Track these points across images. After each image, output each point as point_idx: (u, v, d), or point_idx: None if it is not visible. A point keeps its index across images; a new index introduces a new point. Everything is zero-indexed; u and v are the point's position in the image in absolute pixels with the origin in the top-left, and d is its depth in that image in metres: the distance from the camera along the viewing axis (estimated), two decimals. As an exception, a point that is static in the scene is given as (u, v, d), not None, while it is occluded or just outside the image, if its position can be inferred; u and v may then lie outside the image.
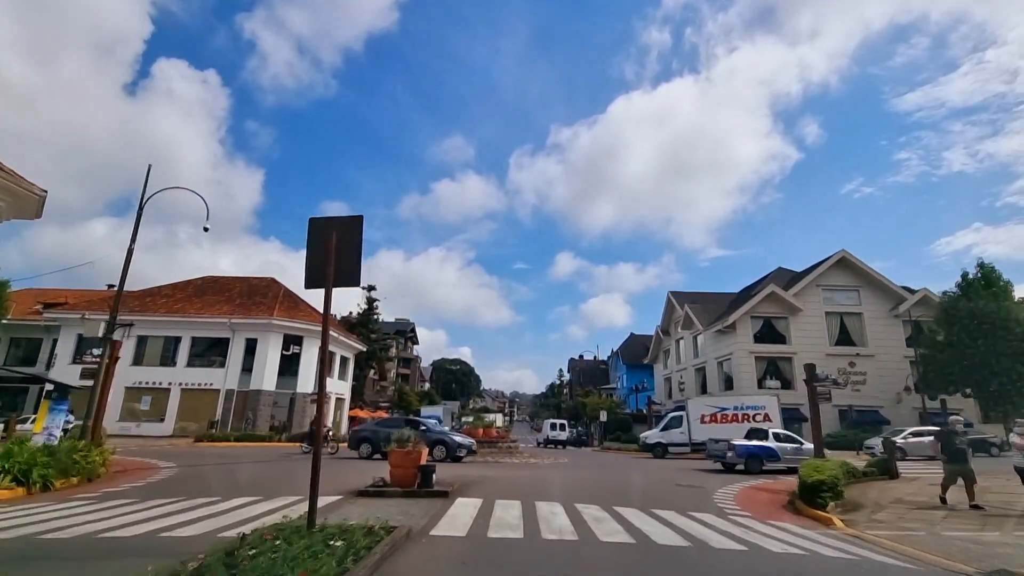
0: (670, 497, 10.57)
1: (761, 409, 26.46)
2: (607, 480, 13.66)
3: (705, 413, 27.62)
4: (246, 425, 28.79)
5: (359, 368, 47.23)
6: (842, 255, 36.34)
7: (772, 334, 36.20)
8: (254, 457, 18.33)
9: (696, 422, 27.66)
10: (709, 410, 27.72)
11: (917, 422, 33.61)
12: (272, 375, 31.99)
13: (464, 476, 12.05)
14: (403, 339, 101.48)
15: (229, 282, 37.68)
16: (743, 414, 26.53)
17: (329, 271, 4.96)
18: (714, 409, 27.62)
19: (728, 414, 27.01)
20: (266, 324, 31.96)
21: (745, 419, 26.22)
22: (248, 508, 7.00)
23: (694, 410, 28.12)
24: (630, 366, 70.81)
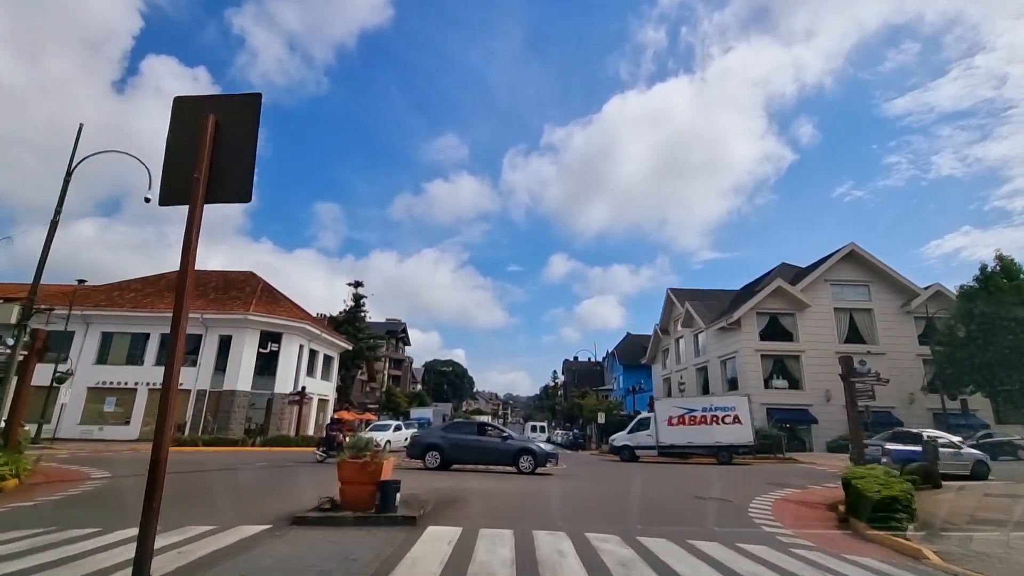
0: (699, 516, 8.62)
1: (731, 410, 24.90)
2: (615, 492, 11.71)
3: (673, 415, 26.13)
4: (209, 428, 26.54)
5: (345, 368, 45.02)
6: (851, 248, 34.63)
7: (778, 331, 34.41)
8: (214, 465, 16.18)
9: (663, 424, 26.20)
10: (677, 412, 26.21)
11: (932, 424, 31.97)
12: (248, 374, 29.78)
13: (442, 491, 10.02)
14: (394, 340, 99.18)
15: (205, 276, 35.36)
16: (712, 416, 25.11)
17: (200, 176, 3.00)
18: (682, 411, 26.13)
19: (696, 416, 25.51)
20: (241, 320, 29.77)
21: (714, 421, 24.95)
22: (119, 549, 4.91)
23: (661, 412, 26.65)
24: (627, 366, 68.99)
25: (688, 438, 25.37)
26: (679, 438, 25.57)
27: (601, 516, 7.79)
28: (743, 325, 33.79)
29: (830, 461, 24.50)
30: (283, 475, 13.74)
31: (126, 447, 24.12)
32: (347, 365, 44.65)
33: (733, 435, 24.40)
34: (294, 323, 31.43)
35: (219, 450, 24.00)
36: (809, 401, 32.42)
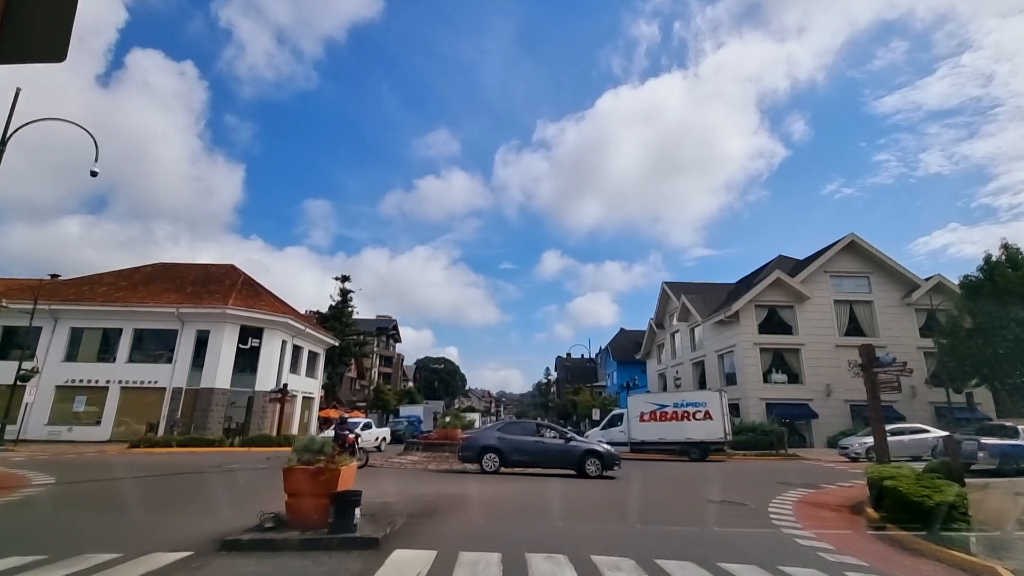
0: (718, 526, 7.50)
1: (702, 406, 24.28)
2: (620, 497, 10.59)
3: (644, 411, 25.55)
4: (177, 426, 25.11)
5: (332, 365, 43.67)
6: (851, 239, 33.81)
7: (777, 324, 33.54)
8: (176, 468, 14.89)
9: (635, 420, 25.74)
10: (648, 407, 25.58)
11: (933, 418, 31.28)
12: (226, 371, 28.38)
13: (421, 498, 8.85)
14: (385, 337, 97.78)
15: (183, 269, 33.89)
16: (683, 411, 24.59)
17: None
18: (653, 406, 25.53)
19: (668, 412, 24.94)
20: (220, 314, 28.34)
21: (685, 417, 24.46)
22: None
23: (634, 408, 26.14)
24: (621, 362, 68.09)
25: (660, 434, 24.91)
26: (651, 434, 25.14)
27: (608, 533, 6.64)
28: (741, 318, 32.87)
29: (834, 457, 23.64)
30: (246, 480, 12.49)
31: (94, 449, 22.71)
32: (334, 362, 43.32)
33: (704, 431, 23.82)
34: (276, 317, 30.06)
35: (193, 451, 22.66)
36: (809, 395, 31.60)
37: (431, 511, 7.65)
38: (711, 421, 23.77)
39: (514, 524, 7.14)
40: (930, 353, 32.31)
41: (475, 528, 6.63)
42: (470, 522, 7.12)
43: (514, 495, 10.16)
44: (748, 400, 31.62)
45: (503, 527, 6.82)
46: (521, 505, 9.13)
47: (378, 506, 6.41)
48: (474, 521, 7.24)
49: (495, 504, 9.03)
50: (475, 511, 8.08)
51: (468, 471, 14.27)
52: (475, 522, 7.15)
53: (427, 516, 7.22)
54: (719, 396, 24.42)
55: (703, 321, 37.46)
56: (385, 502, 7.17)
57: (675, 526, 7.35)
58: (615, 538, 6.07)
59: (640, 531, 6.89)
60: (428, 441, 17.95)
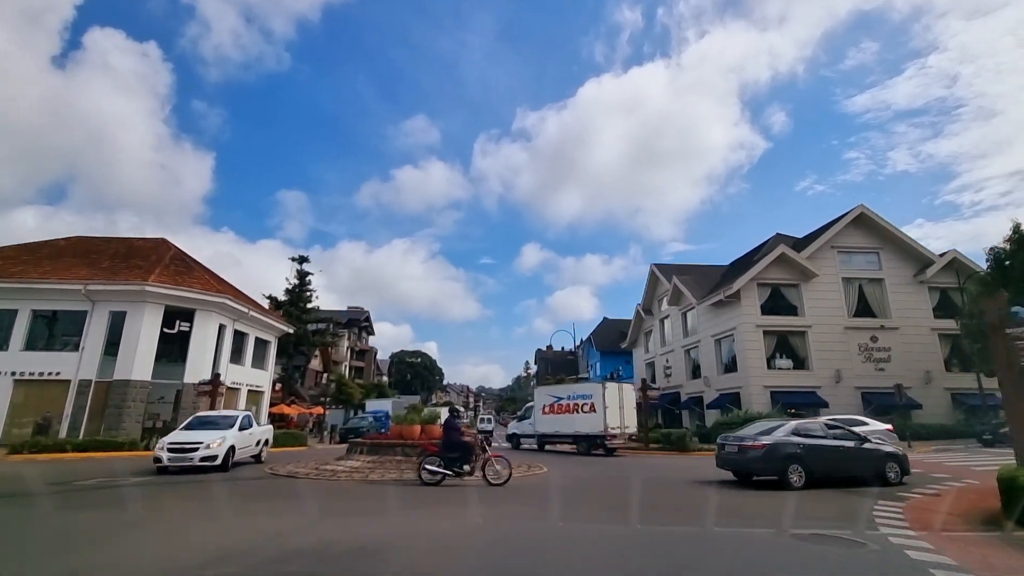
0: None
1: (588, 398, 23.76)
2: (652, 541, 6.89)
3: (546, 403, 25.80)
4: (43, 425, 20.44)
5: (288, 356, 39.10)
6: (860, 211, 30.88)
7: (781, 304, 30.45)
8: (40, 482, 10.64)
9: (539, 413, 26.06)
10: (549, 400, 25.77)
11: (949, 406, 28.64)
12: (146, 360, 23.81)
13: (294, 559, 4.95)
14: (357, 329, 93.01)
15: (102, 243, 29.01)
16: (574, 404, 24.37)
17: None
18: (552, 399, 25.67)
19: (563, 404, 24.90)
20: (138, 292, 23.72)
21: (575, 409, 24.24)
22: None
23: (539, 400, 26.51)
24: (604, 353, 65.04)
25: (556, 427, 24.99)
26: (549, 427, 25.29)
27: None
28: (743, 297, 29.63)
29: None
30: (52, 517, 8.23)
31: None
32: (289, 352, 38.76)
33: (589, 425, 23.30)
34: (209, 297, 25.52)
35: (91, 456, 18.29)
36: (817, 382, 28.58)
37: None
38: (594, 414, 23.14)
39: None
40: (945, 335, 29.68)
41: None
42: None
43: (469, 536, 6.32)
44: (750, 388, 28.44)
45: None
46: (480, 557, 5.35)
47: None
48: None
49: (440, 552, 5.21)
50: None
51: (426, 483, 10.42)
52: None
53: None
54: (601, 388, 23.64)
55: (698, 303, 34.19)
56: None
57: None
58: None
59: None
60: (376, 441, 13.92)
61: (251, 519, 7.13)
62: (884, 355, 29.18)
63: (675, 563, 5.04)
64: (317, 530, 6.36)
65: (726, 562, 5.09)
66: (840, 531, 6.24)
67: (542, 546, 5.64)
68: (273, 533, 6.03)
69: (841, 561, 5.05)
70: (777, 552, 5.44)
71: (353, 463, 12.87)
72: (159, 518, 7.55)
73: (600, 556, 5.20)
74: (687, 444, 23.12)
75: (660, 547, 5.67)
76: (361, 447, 13.70)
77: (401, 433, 14.21)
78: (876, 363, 29.06)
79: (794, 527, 6.44)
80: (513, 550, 5.54)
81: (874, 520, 7.02)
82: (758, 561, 5.06)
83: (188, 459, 12.97)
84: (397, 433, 14.34)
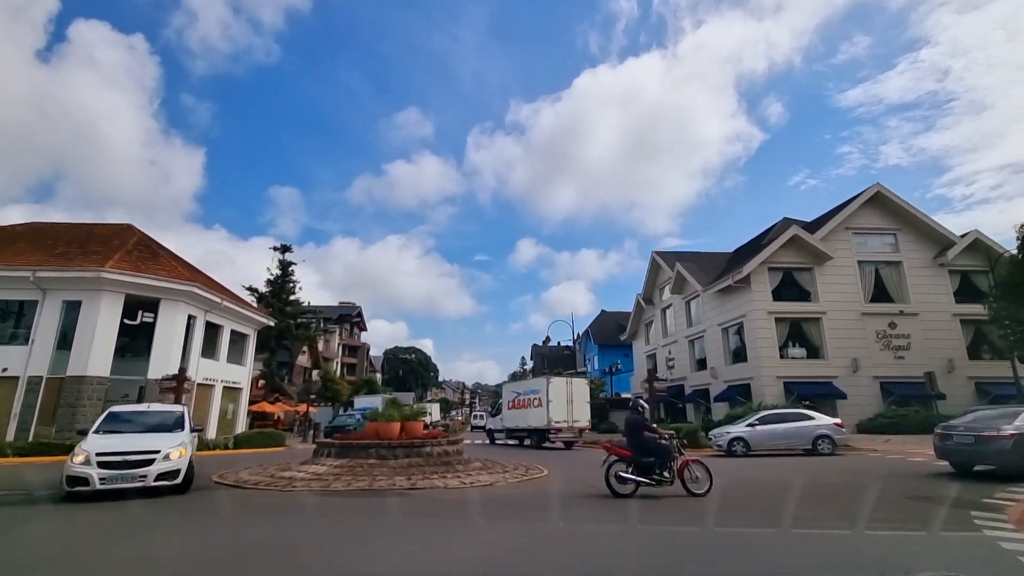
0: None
1: (536, 393, 24.20)
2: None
3: (510, 399, 26.90)
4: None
5: (270, 351, 36.93)
6: (877, 190, 28.99)
7: (793, 290, 28.59)
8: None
9: (506, 408, 27.12)
10: (512, 396, 26.83)
11: (974, 396, 26.88)
12: (104, 354, 21.66)
13: None
14: (349, 325, 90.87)
15: (62, 229, 26.74)
16: (527, 399, 24.98)
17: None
18: (514, 395, 26.70)
19: (521, 399, 25.62)
20: (94, 279, 21.52)
21: (528, 404, 24.72)
22: None
23: (505, 395, 27.57)
24: (603, 346, 63.43)
25: (516, 422, 25.83)
26: (513, 421, 26.18)
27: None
28: (753, 282, 27.73)
29: (904, 445, 18.47)
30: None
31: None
32: (272, 347, 36.60)
33: (536, 419, 23.78)
34: (175, 285, 23.33)
35: (35, 461, 16.18)
36: (833, 372, 26.75)
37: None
38: (540, 409, 23.45)
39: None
40: (968, 321, 27.90)
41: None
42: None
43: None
44: (762, 379, 26.56)
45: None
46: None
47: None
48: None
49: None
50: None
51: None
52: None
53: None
54: (546, 381, 24.03)
55: (703, 291, 32.27)
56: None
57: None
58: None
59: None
60: (346, 442, 11.85)
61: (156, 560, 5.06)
62: (903, 342, 27.38)
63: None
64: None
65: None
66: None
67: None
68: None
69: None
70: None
71: (317, 468, 10.82)
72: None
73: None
74: (698, 439, 21.27)
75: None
76: (329, 449, 11.64)
77: (377, 432, 12.17)
78: (895, 351, 27.26)
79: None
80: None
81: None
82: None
83: (136, 478, 8.56)
84: (373, 432, 12.29)
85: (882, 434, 23.28)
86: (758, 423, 18.25)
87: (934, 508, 7.08)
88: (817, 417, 18.14)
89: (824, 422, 17.70)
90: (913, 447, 17.80)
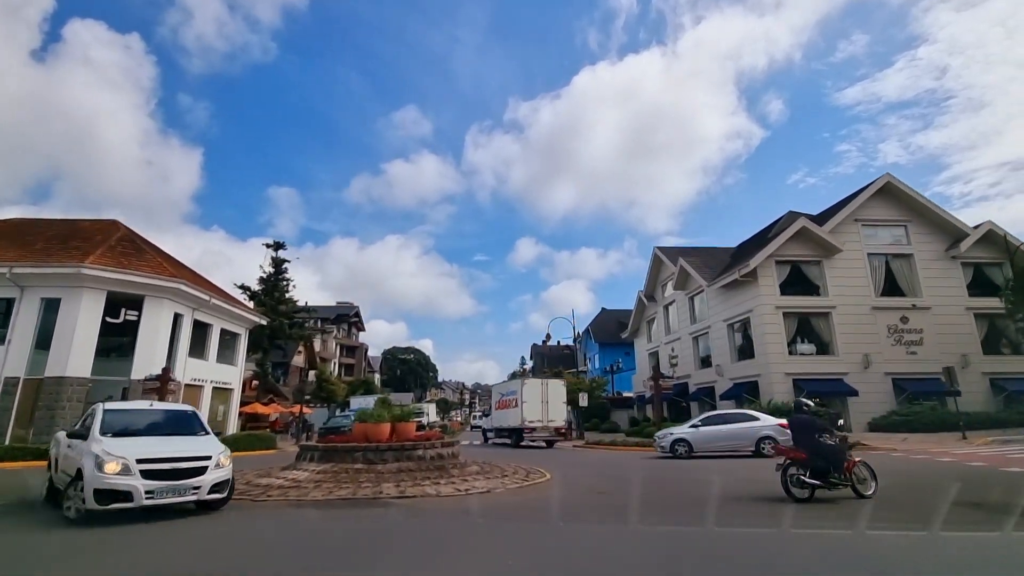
0: None
1: (514, 394, 25.59)
2: None
3: (497, 400, 28.25)
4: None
5: (263, 351, 35.98)
6: (887, 180, 28.11)
7: (801, 283, 27.69)
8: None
9: (494, 408, 28.69)
10: (498, 397, 28.26)
11: (987, 393, 26.01)
12: (85, 353, 20.68)
13: None
14: (346, 325, 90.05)
15: (44, 225, 25.84)
16: (508, 400, 26.21)
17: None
18: (499, 396, 28.12)
19: (505, 400, 26.78)
20: (74, 275, 20.56)
21: (508, 404, 25.83)
22: None
23: (494, 397, 29.23)
24: (603, 344, 62.54)
25: (500, 422, 27.19)
26: (499, 422, 27.41)
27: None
28: (760, 276, 26.84)
29: (924, 444, 17.59)
30: None
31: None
32: (265, 347, 35.64)
33: (513, 419, 25.06)
34: (160, 281, 22.38)
35: (5, 467, 15.26)
36: (844, 369, 25.85)
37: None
38: (516, 409, 24.60)
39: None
40: (982, 315, 27.03)
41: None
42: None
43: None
44: (770, 376, 25.67)
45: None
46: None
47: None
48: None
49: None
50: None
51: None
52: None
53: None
54: (520, 384, 25.40)
55: (708, 286, 31.37)
56: None
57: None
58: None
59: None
60: (331, 445, 10.90)
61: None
62: (916, 337, 26.50)
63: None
64: None
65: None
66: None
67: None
68: None
69: None
70: None
71: (298, 474, 9.88)
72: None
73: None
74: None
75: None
76: (312, 453, 10.71)
77: (366, 434, 11.25)
78: (907, 346, 26.38)
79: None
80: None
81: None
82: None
83: (190, 490, 7.07)
84: (361, 434, 11.36)
85: (896, 432, 22.40)
86: (701, 424, 17.67)
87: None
88: (761, 418, 17.32)
89: (768, 423, 16.75)
90: (934, 446, 16.94)
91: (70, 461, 7.49)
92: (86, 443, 7.27)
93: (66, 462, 7.76)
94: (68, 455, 7.70)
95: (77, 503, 6.83)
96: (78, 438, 7.60)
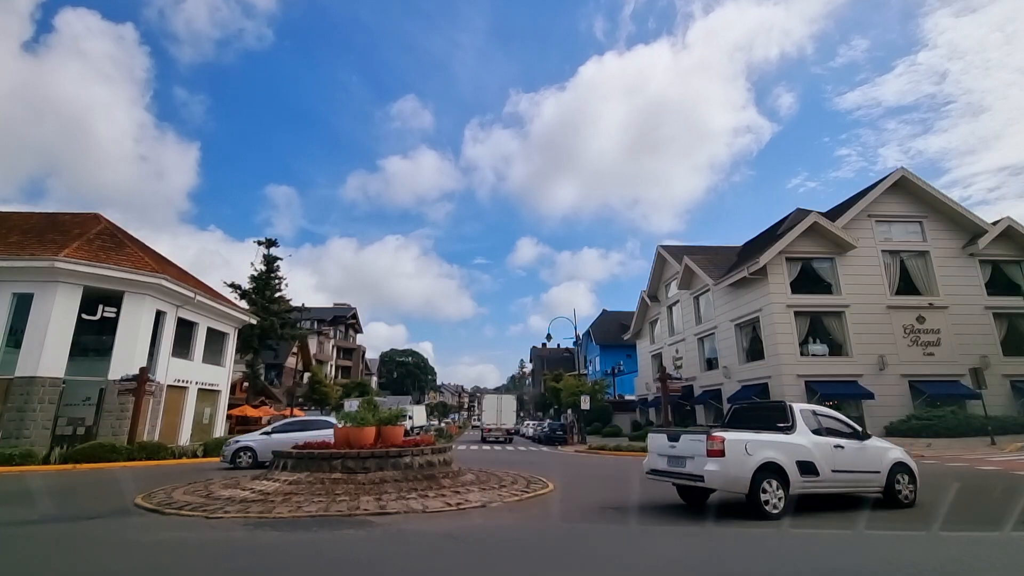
0: None
1: (483, 404, 29.41)
2: None
3: (482, 407, 31.64)
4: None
5: (254, 351, 34.79)
6: (901, 175, 27.02)
7: (813, 282, 26.56)
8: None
9: (480, 413, 31.77)
10: (483, 404, 32.76)
11: (1010, 395, 24.85)
12: (59, 352, 19.52)
13: None
14: (343, 327, 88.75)
15: (20, 218, 24.68)
16: (483, 407, 29.31)
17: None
18: (482, 404, 32.03)
19: (482, 407, 28.89)
20: (47, 269, 19.42)
21: (482, 411, 29.42)
22: None
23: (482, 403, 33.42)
24: (605, 346, 61.22)
25: (482, 424, 30.95)
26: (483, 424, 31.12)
27: None
28: (770, 274, 25.71)
29: (952, 450, 16.42)
30: None
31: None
32: (255, 348, 34.46)
33: (483, 422, 28.13)
34: (141, 277, 21.24)
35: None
36: (858, 370, 24.69)
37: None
38: (483, 415, 28.85)
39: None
40: (1001, 315, 25.90)
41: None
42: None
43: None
44: (781, 378, 24.50)
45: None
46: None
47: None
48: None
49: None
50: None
51: (380, 517, 6.29)
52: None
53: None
54: (481, 398, 26.63)
55: (714, 285, 30.22)
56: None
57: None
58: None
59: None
60: (305, 452, 9.69)
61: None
62: (933, 338, 25.35)
63: None
64: None
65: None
66: None
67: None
68: None
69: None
70: None
71: (267, 485, 8.70)
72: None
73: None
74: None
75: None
76: (285, 461, 9.53)
77: (348, 439, 10.08)
78: (924, 347, 25.23)
79: None
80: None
81: None
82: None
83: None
84: (343, 439, 10.19)
85: (917, 437, 21.19)
86: (271, 431, 16.47)
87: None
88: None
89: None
90: (964, 452, 15.78)
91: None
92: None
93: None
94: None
95: None
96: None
